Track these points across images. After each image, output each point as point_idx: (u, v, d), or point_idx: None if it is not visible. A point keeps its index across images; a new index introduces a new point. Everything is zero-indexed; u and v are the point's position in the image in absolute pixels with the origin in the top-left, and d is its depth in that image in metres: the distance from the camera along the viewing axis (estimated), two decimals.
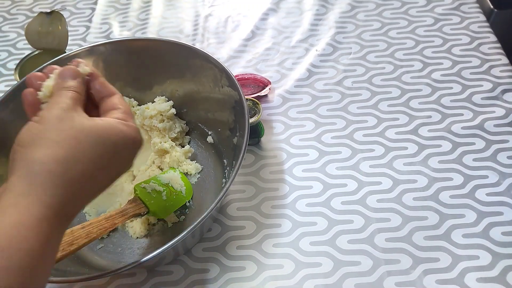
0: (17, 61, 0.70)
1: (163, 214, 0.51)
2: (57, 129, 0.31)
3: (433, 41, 0.72)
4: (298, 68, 0.70)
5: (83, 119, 0.33)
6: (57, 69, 0.37)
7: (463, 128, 0.60)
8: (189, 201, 0.55)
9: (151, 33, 0.78)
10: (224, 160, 0.56)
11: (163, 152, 0.58)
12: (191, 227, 0.41)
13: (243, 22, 0.79)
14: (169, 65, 0.58)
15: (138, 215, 0.48)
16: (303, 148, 0.60)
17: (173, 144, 0.58)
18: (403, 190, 0.54)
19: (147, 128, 0.59)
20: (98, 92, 0.38)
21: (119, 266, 0.41)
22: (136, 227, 0.53)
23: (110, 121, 0.34)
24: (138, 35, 0.78)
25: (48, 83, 0.36)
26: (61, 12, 0.72)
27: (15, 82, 0.69)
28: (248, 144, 0.57)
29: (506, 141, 0.58)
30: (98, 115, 0.36)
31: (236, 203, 0.55)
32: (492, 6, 0.99)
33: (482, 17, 0.75)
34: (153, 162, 0.58)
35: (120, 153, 0.34)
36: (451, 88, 0.65)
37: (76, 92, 0.35)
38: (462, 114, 0.62)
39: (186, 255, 0.51)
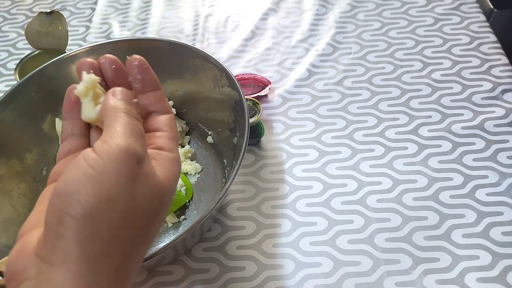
0: (17, 61, 0.70)
1: None
2: (129, 197, 0.23)
3: (433, 41, 0.72)
4: (298, 68, 0.70)
5: (154, 179, 0.24)
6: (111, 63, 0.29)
7: (463, 128, 0.60)
8: (189, 201, 0.55)
9: (151, 33, 0.78)
10: (224, 160, 0.56)
11: None
12: (191, 226, 0.41)
13: (243, 22, 0.79)
14: (169, 65, 0.58)
15: None
16: (303, 148, 0.60)
17: None
18: (403, 190, 0.54)
19: None
20: (151, 106, 0.29)
21: None
22: None
23: (171, 175, 0.26)
24: (138, 35, 0.78)
25: (91, 77, 0.28)
26: (61, 12, 0.72)
27: (15, 82, 0.69)
28: (248, 144, 0.57)
29: (506, 141, 0.58)
30: None
31: (236, 203, 0.55)
32: (492, 6, 0.99)
33: (482, 17, 0.75)
34: None
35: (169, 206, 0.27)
36: (451, 88, 0.65)
37: (140, 123, 0.26)
38: (462, 114, 0.62)
39: (186, 255, 0.51)
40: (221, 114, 0.56)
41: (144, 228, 0.24)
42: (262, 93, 0.65)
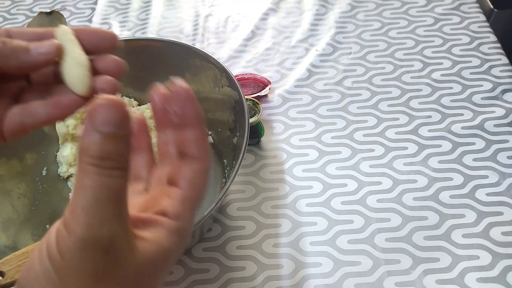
0: None
1: None
2: None
3: (433, 41, 0.72)
4: (298, 68, 0.70)
5: (133, 260, 0.20)
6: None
7: (463, 128, 0.60)
8: None
9: (151, 33, 0.78)
10: (224, 160, 0.56)
11: None
12: None
13: (243, 22, 0.79)
14: (169, 65, 0.58)
15: None
16: (303, 148, 0.60)
17: None
18: (403, 190, 0.54)
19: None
20: (186, 147, 0.24)
21: None
22: None
23: (164, 251, 0.21)
24: (138, 35, 0.78)
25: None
26: (61, 12, 0.72)
27: None
28: (248, 144, 0.57)
29: (506, 141, 0.58)
30: None
31: (236, 203, 0.55)
32: (492, 6, 0.99)
33: (482, 17, 0.75)
34: None
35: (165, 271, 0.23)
36: (451, 88, 0.65)
37: (124, 174, 0.19)
38: (462, 114, 0.62)
39: (186, 255, 0.51)
40: (221, 114, 0.56)
41: None
42: (262, 93, 0.65)
